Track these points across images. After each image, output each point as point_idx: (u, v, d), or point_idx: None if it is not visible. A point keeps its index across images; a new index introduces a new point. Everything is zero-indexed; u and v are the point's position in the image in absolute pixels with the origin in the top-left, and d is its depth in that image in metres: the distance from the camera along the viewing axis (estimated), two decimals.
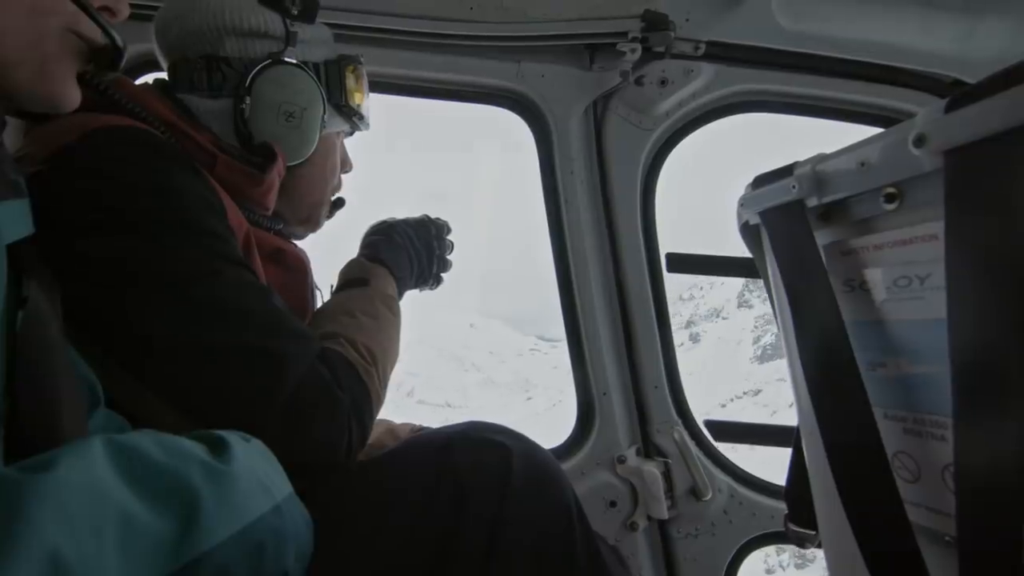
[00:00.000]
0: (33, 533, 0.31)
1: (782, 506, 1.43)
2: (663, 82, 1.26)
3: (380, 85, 1.28)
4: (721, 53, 1.27)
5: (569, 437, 1.41)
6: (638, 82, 1.27)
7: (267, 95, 0.84)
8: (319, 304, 1.00)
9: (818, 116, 1.43)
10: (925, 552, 0.56)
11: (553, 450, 1.39)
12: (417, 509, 0.65)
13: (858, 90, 1.35)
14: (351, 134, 1.05)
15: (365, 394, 0.74)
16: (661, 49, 1.21)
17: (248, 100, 0.83)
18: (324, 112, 0.89)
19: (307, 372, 0.67)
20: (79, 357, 0.57)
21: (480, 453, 0.67)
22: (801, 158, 0.67)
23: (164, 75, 0.90)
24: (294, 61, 0.87)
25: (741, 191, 0.77)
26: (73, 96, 0.60)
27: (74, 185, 0.63)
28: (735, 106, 1.37)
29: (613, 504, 1.36)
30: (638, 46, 1.17)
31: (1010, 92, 0.41)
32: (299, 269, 0.89)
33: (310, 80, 0.88)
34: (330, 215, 1.03)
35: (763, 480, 1.45)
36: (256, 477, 0.46)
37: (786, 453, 1.39)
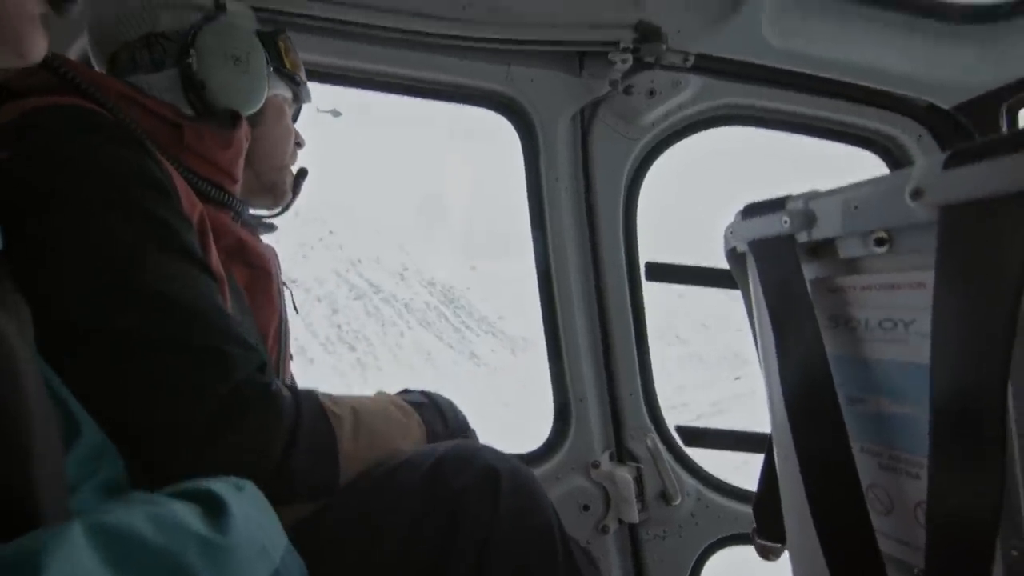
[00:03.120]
0: None
1: (746, 509, 1.49)
2: (651, 92, 1.26)
3: (367, 81, 1.27)
4: (709, 66, 1.28)
5: (545, 442, 1.42)
6: (627, 91, 1.27)
7: (211, 44, 0.85)
8: (289, 304, 0.98)
9: (798, 132, 1.46)
10: None
11: (530, 455, 1.40)
12: (408, 535, 0.65)
13: (838, 109, 1.38)
14: (297, 109, 1.06)
15: (327, 433, 0.69)
16: (651, 60, 1.21)
17: (193, 53, 0.84)
18: (268, 64, 0.91)
19: (247, 378, 0.63)
20: (52, 375, 0.52)
21: (470, 477, 0.67)
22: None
23: None
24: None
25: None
26: (40, 43, 0.55)
27: (10, 166, 0.61)
28: (719, 119, 1.39)
29: (586, 508, 1.38)
30: (629, 56, 1.17)
31: (1010, 158, 0.42)
32: (262, 267, 0.87)
33: (247, 30, 0.91)
34: (296, 188, 1.04)
35: (729, 484, 1.49)
36: (254, 542, 0.44)
37: (746, 455, 1.43)
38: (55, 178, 0.62)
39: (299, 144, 1.04)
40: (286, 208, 1.04)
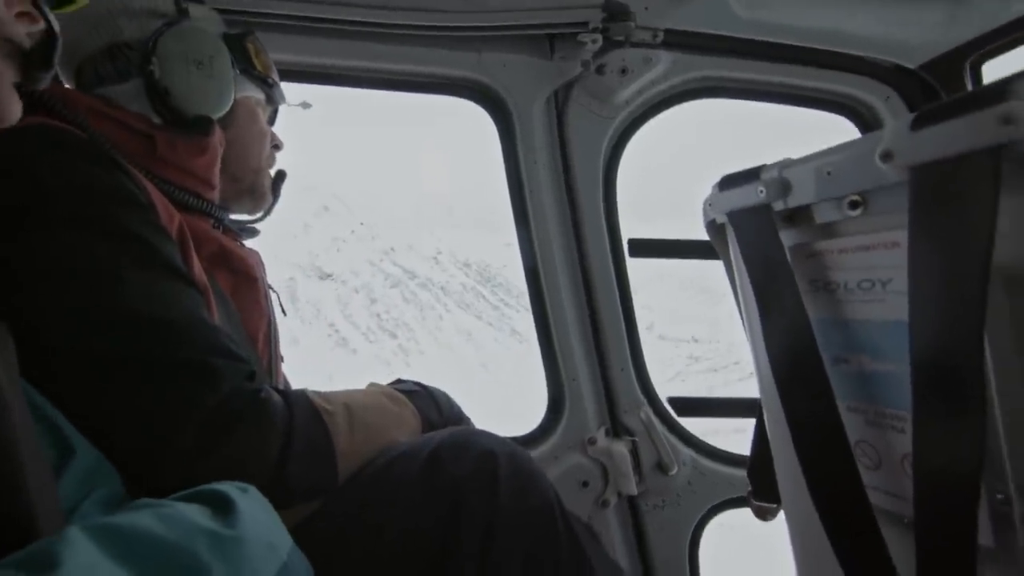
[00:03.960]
0: None
1: (740, 473, 1.52)
2: (623, 71, 1.26)
3: (340, 78, 1.25)
4: (678, 41, 1.29)
5: (541, 423, 1.44)
6: (599, 71, 1.27)
7: (172, 50, 0.84)
8: (276, 308, 0.98)
9: (771, 101, 1.47)
10: (885, 532, 0.60)
11: (526, 436, 1.42)
12: (410, 526, 0.65)
13: (808, 76, 1.40)
14: (273, 111, 1.05)
15: (322, 434, 0.68)
16: (621, 38, 1.21)
17: (155, 61, 0.82)
18: (233, 66, 0.90)
19: (235, 388, 0.63)
20: (39, 397, 0.52)
21: (468, 463, 0.67)
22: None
23: None
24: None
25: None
26: (15, 107, 0.56)
27: None
28: (692, 92, 1.40)
29: (585, 484, 1.40)
30: (599, 36, 1.17)
31: (973, 116, 0.44)
32: (247, 272, 0.86)
33: (209, 34, 0.89)
34: (276, 190, 1.03)
35: (723, 451, 1.52)
36: (263, 537, 0.44)
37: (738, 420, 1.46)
38: (27, 199, 0.61)
39: (276, 146, 1.03)
40: (268, 212, 1.03)
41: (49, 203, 0.62)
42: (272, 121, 1.06)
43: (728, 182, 0.74)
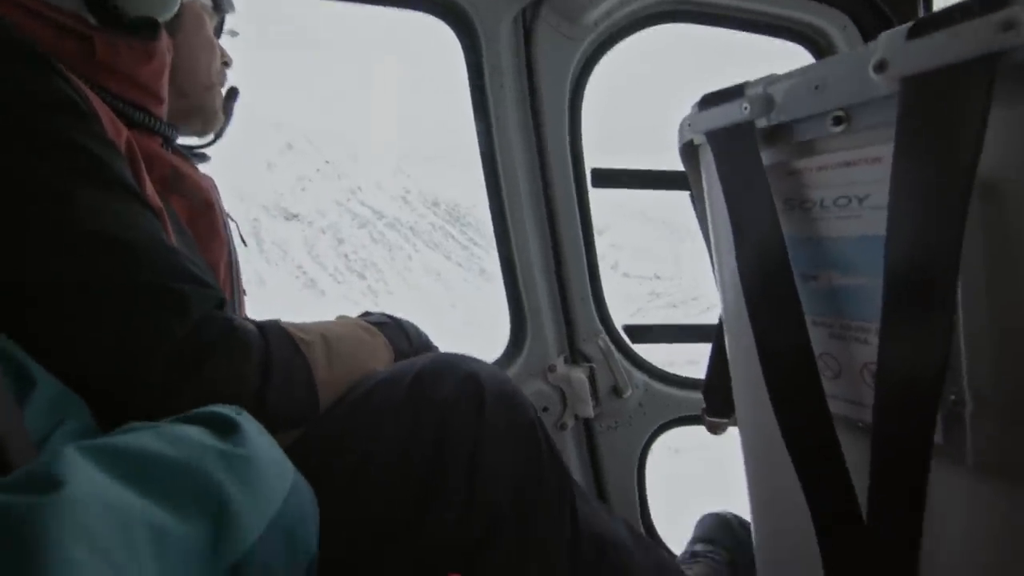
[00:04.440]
0: (68, 571, 0.26)
1: (687, 395, 1.61)
2: None
3: None
4: None
5: (504, 352, 1.45)
6: None
7: None
8: (236, 236, 0.92)
9: (731, 27, 1.46)
10: (841, 437, 0.65)
11: None
12: (397, 450, 0.65)
13: (769, 2, 1.38)
14: (220, 21, 0.95)
15: (300, 363, 0.66)
16: None
17: None
18: None
19: (205, 316, 0.59)
20: None
21: (452, 387, 0.67)
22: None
23: None
24: None
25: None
26: None
27: None
28: (658, 16, 1.36)
29: (545, 409, 1.44)
30: None
31: (971, 23, 0.44)
32: (203, 198, 0.80)
33: None
34: (228, 109, 0.94)
35: (672, 374, 1.60)
36: (271, 455, 0.42)
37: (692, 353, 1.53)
38: None
39: (226, 63, 0.93)
40: (219, 135, 0.94)
41: None
42: (218, 34, 0.96)
43: (709, 100, 0.73)
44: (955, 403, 0.54)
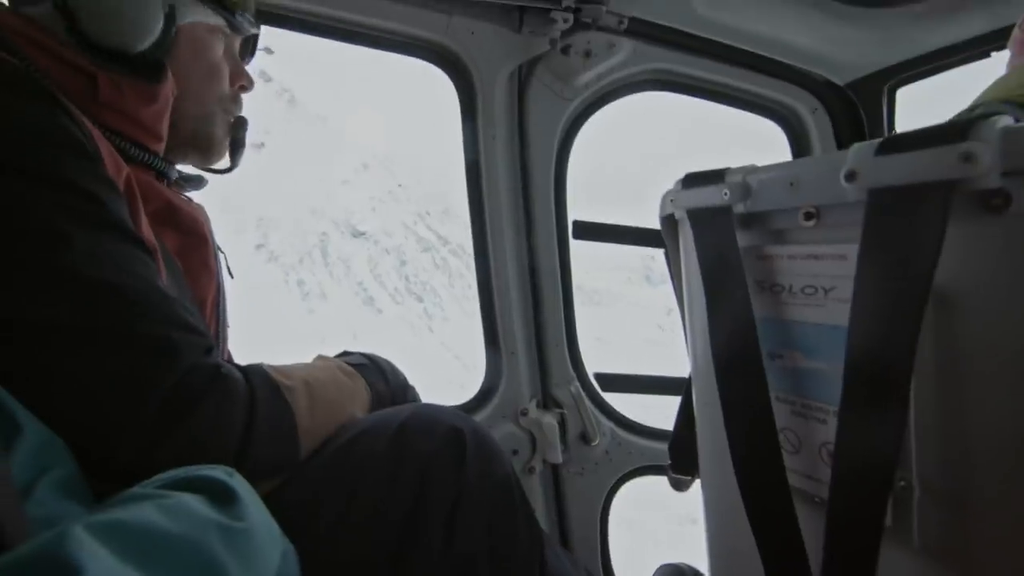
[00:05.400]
0: None
1: (653, 445, 1.64)
2: (587, 53, 1.28)
3: (298, 22, 1.18)
4: (640, 30, 1.32)
5: (478, 393, 1.47)
6: (564, 51, 1.28)
7: None
8: (224, 269, 0.91)
9: (714, 100, 1.55)
10: (797, 508, 0.68)
11: (464, 405, 1.45)
12: (379, 500, 0.66)
13: (750, 80, 1.48)
14: (248, 43, 0.92)
15: (284, 411, 0.66)
16: (589, 20, 1.22)
17: None
18: None
19: (194, 364, 0.59)
20: None
21: (436, 440, 0.68)
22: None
23: None
24: None
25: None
26: None
27: None
28: (645, 83, 1.44)
29: (515, 452, 1.46)
30: (571, 15, 1.17)
31: (935, 150, 0.49)
32: (196, 231, 0.80)
33: None
34: (236, 140, 0.90)
35: (639, 424, 1.63)
36: (266, 526, 0.43)
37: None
38: None
39: (243, 87, 0.89)
40: (235, 163, 0.91)
41: None
42: (250, 53, 0.93)
43: (692, 180, 0.78)
44: (904, 488, 0.58)
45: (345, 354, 0.92)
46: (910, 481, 0.57)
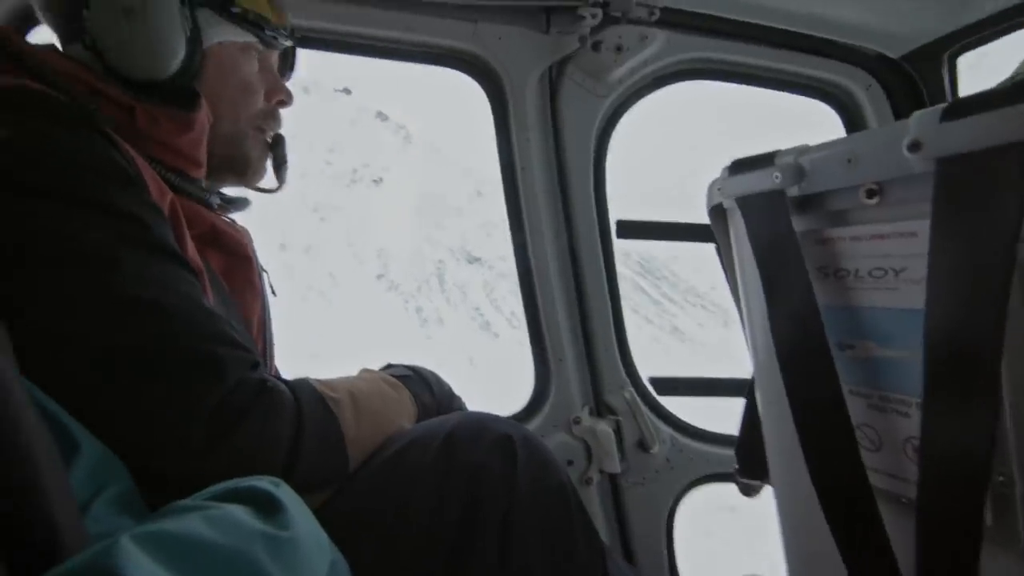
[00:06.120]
0: None
1: (717, 451, 1.57)
2: (619, 48, 1.25)
3: (329, 43, 1.20)
4: (673, 19, 1.28)
5: (527, 403, 1.45)
6: (595, 48, 1.25)
7: None
8: (268, 289, 0.93)
9: (757, 85, 1.48)
10: (882, 511, 0.63)
11: (513, 416, 1.42)
12: (431, 511, 0.65)
13: (796, 61, 1.41)
14: (287, 57, 0.93)
15: (331, 423, 0.67)
16: (619, 14, 1.19)
17: (86, 13, 0.71)
18: (188, 10, 0.75)
19: (240, 380, 0.60)
20: (37, 389, 0.48)
21: (485, 449, 0.67)
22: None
23: None
24: None
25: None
26: None
27: None
28: (683, 73, 1.40)
29: (570, 463, 1.42)
30: (599, 11, 1.15)
31: (1006, 110, 0.44)
32: (240, 252, 0.81)
33: None
34: (278, 159, 0.90)
35: (700, 429, 1.57)
36: (312, 535, 0.42)
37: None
38: (8, 173, 0.56)
39: (282, 102, 0.89)
40: (282, 181, 0.93)
41: (35, 179, 0.56)
42: (289, 68, 0.93)
43: (739, 167, 0.74)
44: (1003, 483, 0.52)
45: (389, 367, 0.92)
46: (1010, 475, 0.51)
